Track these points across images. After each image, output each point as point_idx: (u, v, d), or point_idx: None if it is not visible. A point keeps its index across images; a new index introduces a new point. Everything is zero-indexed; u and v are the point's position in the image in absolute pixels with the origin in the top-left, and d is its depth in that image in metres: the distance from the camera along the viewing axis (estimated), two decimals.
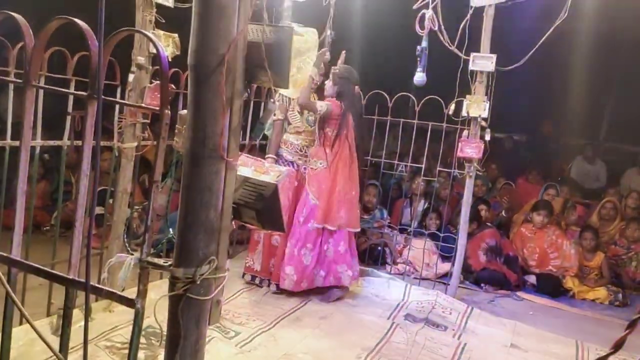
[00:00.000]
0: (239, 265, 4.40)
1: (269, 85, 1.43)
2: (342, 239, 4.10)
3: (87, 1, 2.25)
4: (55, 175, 4.81)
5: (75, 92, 1.79)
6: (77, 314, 3.18)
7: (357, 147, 4.14)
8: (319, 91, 4.18)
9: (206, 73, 1.31)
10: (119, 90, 3.31)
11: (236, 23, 1.34)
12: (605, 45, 6.74)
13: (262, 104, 4.04)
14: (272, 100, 1.50)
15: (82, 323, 2.98)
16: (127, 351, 2.76)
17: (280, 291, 4.10)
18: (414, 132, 4.70)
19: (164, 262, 1.37)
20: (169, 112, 1.34)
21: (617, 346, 0.83)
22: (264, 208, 1.47)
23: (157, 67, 3.21)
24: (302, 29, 1.47)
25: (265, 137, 4.32)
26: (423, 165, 4.86)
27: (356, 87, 4.14)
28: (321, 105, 3.95)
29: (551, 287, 4.94)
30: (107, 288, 1.43)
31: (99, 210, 4.46)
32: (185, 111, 1.40)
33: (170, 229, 1.50)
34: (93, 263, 1.85)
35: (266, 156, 4.07)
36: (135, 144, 3.35)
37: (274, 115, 3.97)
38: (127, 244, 1.56)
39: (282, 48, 1.43)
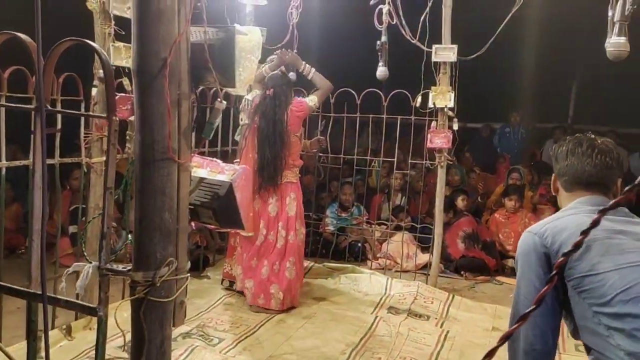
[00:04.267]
0: (220, 273, 4.40)
1: (215, 85, 1.44)
2: None
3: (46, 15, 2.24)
4: (27, 196, 4.75)
5: (21, 106, 1.78)
6: (57, 334, 3.17)
7: None
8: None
9: (149, 77, 1.32)
10: (82, 104, 3.29)
11: (177, 26, 1.36)
12: (566, 27, 6.86)
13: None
14: (219, 99, 1.51)
15: (63, 343, 2.95)
16: None
17: None
18: (384, 127, 4.73)
19: (123, 268, 1.38)
20: (117, 118, 1.35)
21: (505, 338, 0.86)
22: (220, 207, 1.48)
23: (121, 79, 3.22)
24: (245, 27, 1.49)
25: (235, 142, 4.33)
26: (395, 159, 4.90)
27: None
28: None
29: None
30: (64, 298, 1.43)
31: (73, 228, 4.44)
32: (133, 117, 1.41)
33: (130, 235, 1.50)
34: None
35: (234, 160, 4.05)
36: (104, 158, 3.33)
37: (241, 120, 3.98)
38: (85, 254, 1.55)
39: (226, 48, 1.44)
